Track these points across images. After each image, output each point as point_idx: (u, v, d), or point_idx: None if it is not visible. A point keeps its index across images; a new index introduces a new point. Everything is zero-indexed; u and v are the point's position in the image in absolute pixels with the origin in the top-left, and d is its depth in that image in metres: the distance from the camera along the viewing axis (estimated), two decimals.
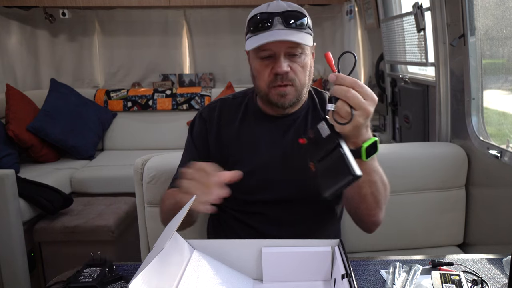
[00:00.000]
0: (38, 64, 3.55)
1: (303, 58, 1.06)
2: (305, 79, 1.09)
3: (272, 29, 1.03)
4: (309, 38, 1.06)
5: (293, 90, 1.07)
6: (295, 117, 1.15)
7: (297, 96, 1.09)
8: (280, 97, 1.08)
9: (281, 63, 1.04)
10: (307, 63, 1.08)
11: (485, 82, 1.64)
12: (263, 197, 1.13)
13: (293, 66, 1.06)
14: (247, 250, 0.86)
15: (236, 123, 1.17)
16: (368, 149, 0.85)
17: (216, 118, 1.18)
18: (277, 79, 1.06)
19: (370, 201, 0.97)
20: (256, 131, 1.15)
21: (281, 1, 1.08)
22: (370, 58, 3.02)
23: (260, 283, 0.86)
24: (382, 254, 1.55)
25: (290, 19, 1.04)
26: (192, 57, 3.73)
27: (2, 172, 1.96)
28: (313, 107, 1.18)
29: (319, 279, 0.86)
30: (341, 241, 0.85)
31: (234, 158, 1.14)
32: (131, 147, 3.36)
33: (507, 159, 1.43)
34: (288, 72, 1.05)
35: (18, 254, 2.01)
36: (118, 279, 0.89)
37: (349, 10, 3.07)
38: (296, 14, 1.05)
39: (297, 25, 1.04)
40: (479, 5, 1.58)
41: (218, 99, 1.23)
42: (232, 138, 1.16)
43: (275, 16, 1.04)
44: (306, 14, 1.07)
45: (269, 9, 1.06)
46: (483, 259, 0.98)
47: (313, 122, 1.16)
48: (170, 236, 0.72)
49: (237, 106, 1.19)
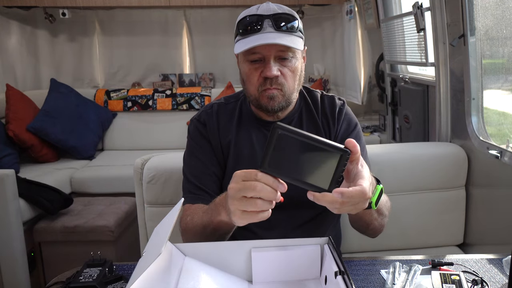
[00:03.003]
0: (38, 64, 3.55)
1: (294, 62, 1.04)
2: (294, 84, 1.07)
3: (262, 32, 1.01)
4: (300, 41, 1.04)
5: (281, 94, 1.06)
6: (289, 120, 1.14)
7: (286, 100, 1.07)
8: (269, 99, 1.06)
9: (270, 67, 1.02)
10: (297, 67, 1.06)
11: (485, 82, 1.64)
12: None
13: (283, 70, 1.04)
14: (237, 252, 0.85)
15: (233, 128, 1.15)
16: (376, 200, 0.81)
17: (215, 123, 1.16)
18: (266, 83, 1.04)
19: (377, 229, 1.02)
20: (253, 137, 1.14)
21: (271, 4, 1.06)
22: (370, 58, 3.02)
23: (250, 285, 0.86)
24: (382, 254, 1.55)
25: (280, 22, 1.01)
26: (192, 57, 3.73)
27: (2, 172, 1.96)
28: (306, 108, 1.17)
29: (309, 277, 0.86)
30: (330, 239, 0.85)
31: (232, 164, 1.13)
32: (131, 147, 3.37)
33: (507, 159, 1.43)
34: (278, 76, 1.03)
35: (18, 254, 2.01)
36: (118, 279, 0.89)
37: (349, 10, 3.07)
38: (286, 16, 1.02)
39: (287, 28, 1.02)
40: (479, 5, 1.58)
41: (214, 103, 1.20)
42: (230, 144, 1.14)
43: (265, 19, 1.02)
44: (297, 17, 1.04)
45: (258, 11, 1.04)
46: (483, 259, 0.98)
47: (308, 123, 1.15)
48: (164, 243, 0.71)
49: (231, 111, 1.17)
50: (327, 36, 3.64)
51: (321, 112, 1.16)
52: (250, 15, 1.03)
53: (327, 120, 1.15)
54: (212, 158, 1.13)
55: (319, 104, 1.17)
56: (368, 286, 0.88)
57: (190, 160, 1.15)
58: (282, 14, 1.02)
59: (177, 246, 0.83)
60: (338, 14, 3.41)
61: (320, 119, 1.15)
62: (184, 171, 1.16)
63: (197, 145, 1.15)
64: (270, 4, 1.06)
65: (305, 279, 0.86)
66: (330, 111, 1.16)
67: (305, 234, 0.98)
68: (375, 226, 1.00)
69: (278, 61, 1.03)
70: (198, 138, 1.15)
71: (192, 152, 1.16)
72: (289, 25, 1.02)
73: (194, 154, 1.15)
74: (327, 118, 1.16)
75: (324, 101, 1.18)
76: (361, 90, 3.03)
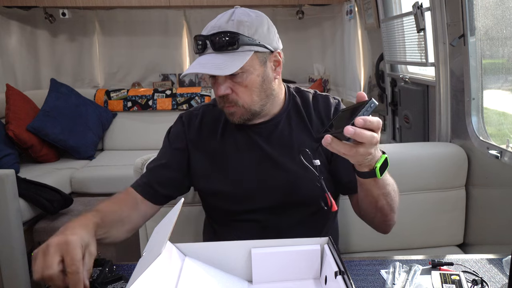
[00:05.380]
0: (38, 64, 3.55)
1: (245, 77, 1.01)
2: (252, 97, 1.04)
3: (204, 54, 1.01)
4: (243, 57, 0.99)
5: (239, 109, 1.05)
6: (275, 122, 1.13)
7: (247, 113, 1.06)
8: (229, 115, 1.07)
9: (218, 86, 1.03)
10: (251, 80, 1.02)
11: (485, 82, 1.64)
12: (251, 206, 1.11)
13: (234, 87, 1.03)
14: (237, 252, 0.85)
15: (218, 132, 1.15)
16: (381, 167, 0.87)
17: (197, 126, 1.16)
18: (221, 100, 1.06)
19: (386, 210, 1.00)
20: (239, 140, 1.13)
21: (224, 16, 1.03)
22: (370, 58, 3.02)
23: (250, 285, 0.86)
24: (382, 254, 1.55)
25: (217, 43, 0.99)
26: (192, 57, 3.73)
27: (2, 172, 1.95)
28: (295, 108, 1.15)
29: (309, 277, 0.86)
30: (330, 239, 0.85)
31: (219, 167, 1.13)
32: (131, 147, 3.36)
33: (507, 159, 1.43)
34: (228, 94, 1.03)
35: (18, 254, 2.01)
36: (118, 279, 0.89)
37: (349, 10, 3.07)
38: (224, 35, 0.98)
39: (226, 47, 0.98)
40: (479, 5, 1.58)
41: (202, 105, 1.21)
42: (215, 148, 1.14)
43: (205, 39, 1.01)
44: (238, 33, 0.98)
45: (204, 30, 1.03)
46: (483, 259, 0.98)
47: (297, 123, 1.14)
48: (164, 243, 0.71)
49: (218, 114, 1.17)
50: (327, 36, 3.64)
51: (314, 112, 1.15)
52: (197, 35, 1.03)
53: (321, 119, 1.14)
54: (179, 157, 1.15)
55: (310, 104, 1.16)
56: (368, 286, 0.88)
57: (159, 151, 1.20)
58: (221, 33, 0.99)
59: (177, 246, 0.83)
60: (338, 14, 3.41)
61: (313, 119, 1.14)
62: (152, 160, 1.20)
63: (168, 140, 1.19)
64: (223, 16, 1.03)
65: (305, 279, 0.86)
66: (325, 111, 1.15)
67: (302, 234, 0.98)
68: (383, 205, 0.98)
69: (229, 77, 1.02)
70: (172, 135, 1.19)
71: (163, 145, 1.20)
72: (227, 44, 0.98)
73: (163, 146, 1.19)
74: (321, 118, 1.14)
75: (318, 100, 1.16)
76: (361, 90, 3.02)
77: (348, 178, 1.09)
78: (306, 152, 0.90)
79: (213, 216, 1.22)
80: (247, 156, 1.12)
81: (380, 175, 0.87)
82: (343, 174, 1.11)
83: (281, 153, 1.11)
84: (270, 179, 1.10)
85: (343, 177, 1.11)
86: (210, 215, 1.23)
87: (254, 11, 1.06)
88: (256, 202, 1.11)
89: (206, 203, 1.22)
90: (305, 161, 0.89)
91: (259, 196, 1.11)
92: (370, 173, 0.87)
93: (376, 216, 1.03)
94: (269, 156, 1.11)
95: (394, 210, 1.02)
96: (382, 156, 0.87)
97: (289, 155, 1.10)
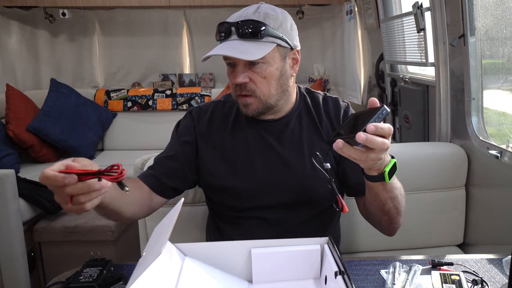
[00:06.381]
0: (38, 64, 3.55)
1: (264, 68, 1.03)
2: (269, 89, 1.05)
3: (228, 40, 1.03)
4: (267, 47, 1.01)
5: (255, 100, 1.05)
6: (286, 121, 1.14)
7: (263, 106, 1.07)
8: (244, 106, 1.08)
9: (236, 74, 1.03)
10: (270, 72, 1.04)
11: (485, 82, 1.64)
12: (259, 203, 1.12)
13: (252, 76, 1.03)
14: (237, 252, 0.85)
15: (228, 127, 1.15)
16: (389, 172, 0.88)
17: (206, 121, 1.16)
18: (237, 88, 1.06)
19: (392, 213, 1.01)
20: (249, 136, 1.13)
21: (250, 8, 1.05)
22: (370, 58, 3.02)
23: (250, 285, 0.86)
24: (382, 254, 1.55)
25: (243, 29, 1.01)
26: (192, 57, 3.72)
27: (2, 172, 1.95)
28: (305, 108, 1.16)
29: (309, 277, 0.87)
30: (330, 239, 0.85)
31: (228, 163, 1.13)
32: (131, 147, 3.36)
33: (507, 159, 1.43)
34: (247, 83, 1.03)
35: (18, 254, 2.01)
36: (118, 279, 0.89)
37: (349, 10, 3.07)
38: (251, 23, 1.01)
39: (252, 35, 1.00)
40: (479, 5, 1.58)
41: (212, 102, 1.22)
42: (225, 144, 1.14)
43: (231, 26, 1.02)
44: (265, 23, 1.01)
45: (230, 19, 1.05)
46: (483, 259, 0.98)
47: (307, 123, 1.15)
48: (164, 243, 0.71)
49: (229, 110, 1.18)
50: (327, 36, 3.64)
51: (324, 114, 1.16)
52: (222, 22, 1.05)
53: (330, 121, 1.15)
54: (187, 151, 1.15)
55: (321, 105, 1.17)
56: (368, 286, 0.88)
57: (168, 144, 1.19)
58: (247, 21, 1.01)
59: (177, 246, 0.83)
60: (338, 14, 3.40)
61: (323, 120, 1.15)
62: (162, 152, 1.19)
63: (177, 134, 1.19)
64: (249, 8, 1.05)
65: (305, 279, 0.86)
66: (334, 113, 1.16)
67: (306, 233, 0.98)
68: (390, 208, 0.99)
69: (248, 67, 1.03)
70: (181, 129, 1.18)
71: (171, 139, 1.19)
72: (253, 32, 1.00)
73: (172, 141, 1.19)
74: (330, 120, 1.16)
75: (328, 102, 1.18)
76: (361, 90, 3.03)
77: (355, 181, 1.10)
78: (317, 156, 0.90)
79: (217, 213, 1.22)
80: (257, 153, 1.12)
81: (389, 179, 0.88)
82: (351, 176, 1.12)
83: (292, 153, 1.11)
84: (280, 178, 1.11)
85: (351, 179, 1.12)
86: (215, 212, 1.23)
87: (279, 8, 1.09)
88: (263, 199, 1.12)
89: (211, 200, 1.21)
90: (317, 165, 0.89)
91: (268, 194, 1.11)
92: (379, 177, 0.89)
93: (383, 219, 1.04)
94: (280, 155, 1.12)
95: (401, 213, 1.03)
96: (391, 161, 0.88)
97: (299, 154, 1.11)
